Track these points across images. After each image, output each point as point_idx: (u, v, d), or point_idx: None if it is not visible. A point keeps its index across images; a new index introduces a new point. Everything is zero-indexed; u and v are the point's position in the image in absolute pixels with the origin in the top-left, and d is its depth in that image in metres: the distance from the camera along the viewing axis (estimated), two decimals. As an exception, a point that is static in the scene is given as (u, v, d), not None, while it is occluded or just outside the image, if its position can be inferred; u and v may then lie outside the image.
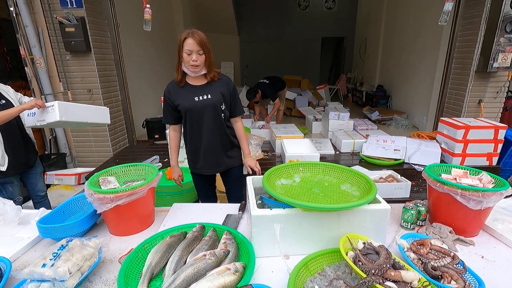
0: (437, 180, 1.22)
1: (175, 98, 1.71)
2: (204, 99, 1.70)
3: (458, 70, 3.90)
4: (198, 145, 1.80)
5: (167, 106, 1.76)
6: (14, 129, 2.11)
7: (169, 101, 1.73)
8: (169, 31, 6.52)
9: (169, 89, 1.73)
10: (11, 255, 1.12)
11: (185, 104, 1.69)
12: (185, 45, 1.58)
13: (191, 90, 1.70)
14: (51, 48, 3.44)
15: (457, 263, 0.97)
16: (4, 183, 2.15)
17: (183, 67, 1.65)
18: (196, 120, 1.74)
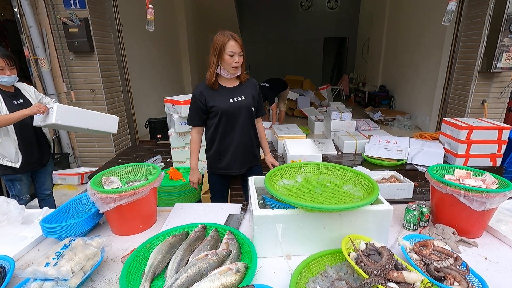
0: (440, 181, 1.21)
1: (209, 100, 1.69)
2: (239, 101, 1.73)
3: (461, 70, 3.88)
4: (229, 145, 1.80)
5: (197, 108, 1.73)
6: (29, 129, 2.16)
7: (201, 103, 1.70)
8: (171, 31, 6.55)
9: (200, 91, 1.70)
10: (15, 254, 1.13)
11: (221, 105, 1.69)
12: (227, 47, 1.58)
13: (226, 91, 1.72)
14: (54, 48, 3.47)
15: (460, 264, 0.97)
16: (13, 180, 2.20)
17: (219, 69, 1.65)
18: (231, 121, 1.75)
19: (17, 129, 2.11)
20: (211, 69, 1.65)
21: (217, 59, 1.61)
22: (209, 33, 9.39)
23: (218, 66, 1.64)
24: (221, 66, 1.64)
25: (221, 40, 1.58)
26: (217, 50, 1.59)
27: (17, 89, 2.18)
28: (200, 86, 1.73)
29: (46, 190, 2.49)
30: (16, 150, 2.12)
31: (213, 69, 1.64)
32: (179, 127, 2.77)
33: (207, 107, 1.72)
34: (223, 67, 1.64)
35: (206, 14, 8.45)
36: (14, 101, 2.11)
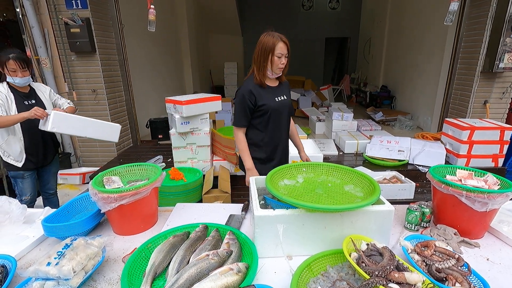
0: (442, 182, 1.21)
1: (259, 99, 1.69)
2: (282, 100, 1.76)
3: (463, 70, 3.87)
4: (278, 143, 1.82)
5: (245, 108, 1.70)
6: (36, 129, 2.18)
7: (250, 102, 1.68)
8: (172, 32, 6.56)
9: (249, 89, 1.68)
10: (16, 254, 1.13)
11: (270, 104, 1.70)
12: (277, 48, 1.60)
13: (271, 91, 1.74)
14: (56, 48, 3.48)
15: (462, 265, 0.96)
16: (15, 177, 2.24)
17: (268, 71, 1.67)
18: (278, 119, 1.77)
19: (24, 129, 2.15)
20: (262, 69, 1.66)
21: (266, 59, 1.63)
22: (210, 33, 9.41)
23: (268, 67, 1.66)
24: (267, 66, 1.65)
25: (270, 42, 1.60)
26: (266, 51, 1.61)
27: (32, 89, 2.23)
28: (248, 85, 1.69)
29: (50, 189, 2.52)
30: (21, 149, 2.15)
31: (264, 69, 1.66)
32: (180, 127, 2.78)
33: (256, 106, 1.70)
34: (269, 67, 1.65)
35: (207, 14, 8.46)
36: (26, 102, 2.15)
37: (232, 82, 8.94)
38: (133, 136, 4.32)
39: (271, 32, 1.64)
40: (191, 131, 2.86)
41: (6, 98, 2.07)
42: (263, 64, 1.64)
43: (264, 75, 1.68)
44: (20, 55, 2.04)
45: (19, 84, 2.10)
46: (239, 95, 1.71)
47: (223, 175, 2.80)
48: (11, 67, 2.01)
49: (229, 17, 8.68)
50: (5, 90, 2.08)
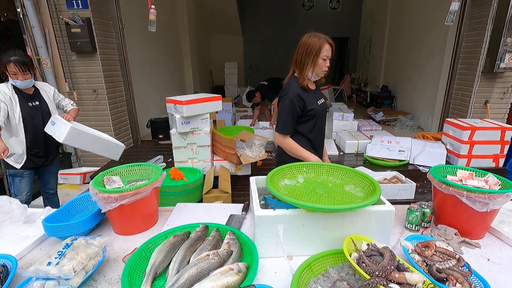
0: (443, 182, 1.21)
1: (307, 103, 1.62)
2: (322, 103, 1.72)
3: (464, 70, 3.86)
4: (318, 148, 1.78)
5: (294, 114, 1.60)
6: (39, 130, 2.20)
7: (298, 107, 1.60)
8: (172, 32, 6.56)
9: (298, 94, 1.59)
10: (17, 253, 1.13)
11: (316, 107, 1.65)
12: (323, 51, 1.55)
13: (313, 94, 1.68)
14: (57, 48, 3.48)
15: (463, 265, 0.96)
16: (14, 175, 2.23)
17: (310, 73, 1.61)
18: (321, 123, 1.74)
19: (27, 130, 2.15)
20: (305, 71, 1.59)
21: (310, 61, 1.57)
22: (211, 33, 9.41)
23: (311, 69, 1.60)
24: (311, 68, 1.59)
25: (317, 43, 1.54)
26: (312, 53, 1.55)
27: (37, 90, 2.23)
28: (295, 89, 1.60)
29: (50, 189, 2.52)
30: (22, 151, 2.16)
31: (307, 72, 1.59)
32: (180, 127, 2.78)
33: (304, 111, 1.62)
34: (312, 69, 1.60)
35: (207, 14, 8.46)
36: (30, 103, 2.16)
37: (233, 82, 8.94)
38: (134, 136, 4.32)
39: (315, 33, 1.57)
40: (192, 131, 2.86)
41: (11, 99, 2.06)
42: (306, 67, 1.58)
43: (305, 77, 1.61)
44: (21, 58, 2.01)
45: (20, 87, 2.10)
46: (286, 100, 1.60)
47: (223, 175, 2.80)
48: (11, 70, 2.00)
49: (229, 17, 8.67)
50: (9, 92, 2.07)
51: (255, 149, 3.02)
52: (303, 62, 1.58)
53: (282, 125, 1.64)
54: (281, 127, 1.64)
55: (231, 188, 2.62)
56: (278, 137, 1.68)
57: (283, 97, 1.64)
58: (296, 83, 1.62)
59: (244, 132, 3.27)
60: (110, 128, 3.79)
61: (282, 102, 1.64)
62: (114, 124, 3.83)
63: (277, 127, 1.66)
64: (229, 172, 2.96)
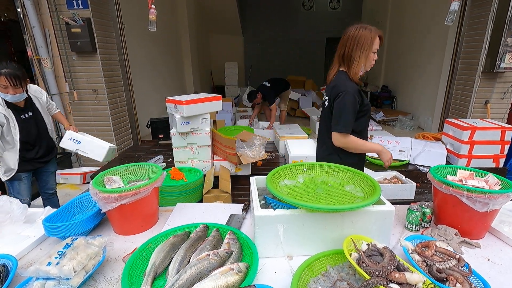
0: (443, 182, 1.21)
1: (363, 98, 1.56)
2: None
3: (464, 70, 3.86)
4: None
5: (355, 111, 1.52)
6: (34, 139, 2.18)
7: (358, 103, 1.53)
8: (173, 31, 6.56)
9: (358, 89, 1.53)
10: (17, 253, 1.13)
11: (368, 104, 1.60)
12: (375, 43, 1.47)
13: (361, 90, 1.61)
14: (57, 48, 3.48)
15: (463, 265, 0.96)
16: (12, 179, 2.18)
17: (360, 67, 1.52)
18: (368, 120, 1.68)
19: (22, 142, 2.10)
20: (357, 66, 1.50)
21: (361, 55, 1.48)
22: (211, 33, 9.41)
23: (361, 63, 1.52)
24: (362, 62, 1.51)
25: (369, 36, 1.45)
26: (365, 46, 1.46)
27: (29, 98, 2.14)
28: (352, 85, 1.51)
29: (50, 189, 2.50)
30: (14, 163, 2.10)
31: (359, 66, 1.50)
32: (181, 127, 2.78)
33: (361, 106, 1.55)
34: (362, 63, 1.51)
35: (207, 14, 8.46)
36: (23, 116, 2.10)
37: (233, 82, 8.95)
38: (134, 136, 4.32)
39: (363, 25, 1.47)
40: (192, 131, 2.86)
41: (6, 118, 1.98)
42: (358, 61, 1.48)
43: (357, 72, 1.52)
44: (13, 71, 1.90)
45: (10, 101, 1.99)
46: (347, 96, 1.48)
47: (223, 175, 2.80)
48: (2, 83, 1.89)
49: (229, 17, 8.67)
50: (3, 109, 1.97)
51: (255, 149, 3.02)
52: (354, 56, 1.48)
53: (344, 124, 1.50)
54: (343, 125, 1.51)
55: (231, 188, 2.61)
56: (340, 138, 1.54)
57: (340, 93, 1.50)
58: (348, 78, 1.53)
59: (244, 132, 3.27)
60: (110, 128, 3.79)
61: (340, 98, 1.49)
62: (114, 124, 3.83)
63: (337, 127, 1.52)
64: (229, 172, 2.96)
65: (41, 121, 2.22)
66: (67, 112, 3.72)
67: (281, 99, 5.14)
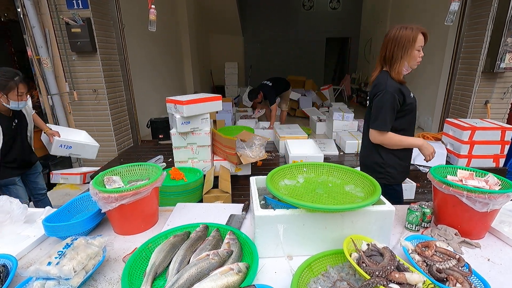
0: (443, 182, 1.21)
1: (406, 97, 1.55)
2: (414, 96, 1.64)
3: (464, 70, 3.86)
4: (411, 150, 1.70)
5: (394, 109, 1.53)
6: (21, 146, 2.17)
7: (399, 102, 1.54)
8: (173, 32, 6.56)
9: (399, 89, 1.54)
10: (17, 253, 1.13)
11: (413, 102, 1.59)
12: (418, 41, 1.48)
13: (406, 88, 1.61)
14: (57, 48, 3.48)
15: (463, 265, 0.96)
16: (8, 184, 2.16)
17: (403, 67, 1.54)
18: (414, 118, 1.66)
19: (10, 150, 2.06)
20: (399, 65, 1.53)
21: (404, 54, 1.50)
22: (211, 33, 9.41)
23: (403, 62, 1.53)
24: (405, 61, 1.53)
25: (410, 35, 1.47)
26: (406, 45, 1.48)
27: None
28: (393, 83, 1.53)
29: (41, 190, 2.47)
30: None
31: (401, 65, 1.53)
32: (181, 127, 2.78)
33: (402, 105, 1.55)
34: (406, 62, 1.53)
35: (207, 14, 8.46)
36: (12, 124, 2.07)
37: (233, 82, 8.95)
38: (134, 136, 4.32)
39: (404, 25, 1.50)
40: (192, 131, 2.86)
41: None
42: (399, 60, 1.51)
43: (399, 72, 1.54)
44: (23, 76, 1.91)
45: (19, 108, 1.99)
46: (386, 95, 1.51)
47: (223, 175, 2.80)
48: (20, 90, 1.88)
49: (229, 17, 8.67)
50: None
51: (255, 149, 3.02)
52: (395, 57, 1.52)
53: (381, 121, 1.54)
54: (380, 123, 1.55)
55: (231, 188, 2.62)
56: (376, 135, 1.58)
57: (379, 92, 1.55)
58: (391, 78, 1.55)
59: (244, 132, 3.27)
60: (110, 128, 3.79)
61: (379, 97, 1.54)
62: (114, 124, 3.83)
63: (374, 124, 1.57)
64: (229, 172, 2.96)
65: (26, 127, 2.21)
66: (67, 112, 3.72)
67: (282, 99, 5.14)
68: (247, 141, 3.03)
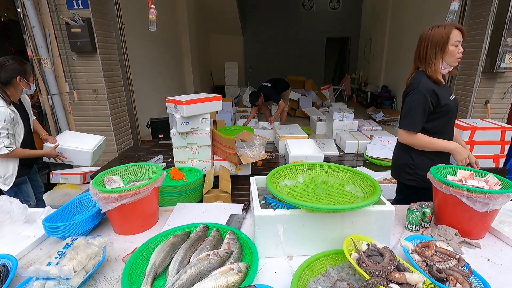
0: (443, 182, 1.21)
1: (441, 98, 1.49)
2: (454, 98, 1.56)
3: (464, 70, 3.86)
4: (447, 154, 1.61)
5: (425, 111, 1.49)
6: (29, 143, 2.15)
7: (432, 103, 1.49)
8: (173, 32, 6.56)
9: (432, 89, 1.48)
10: (17, 253, 1.13)
11: (450, 104, 1.52)
12: (452, 37, 1.42)
13: (445, 89, 1.53)
14: (57, 48, 3.48)
15: (463, 265, 0.96)
16: (22, 183, 2.11)
17: (440, 65, 1.49)
18: (451, 123, 1.58)
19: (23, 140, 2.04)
20: (434, 64, 1.48)
21: (438, 52, 1.46)
22: (211, 33, 9.41)
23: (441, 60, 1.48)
24: (441, 59, 1.47)
25: (443, 32, 1.43)
26: (440, 43, 1.44)
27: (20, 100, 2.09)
28: (426, 83, 1.49)
29: (41, 187, 2.45)
30: (12, 172, 1.99)
31: (436, 63, 1.48)
32: (180, 127, 2.78)
33: (436, 107, 1.50)
34: (444, 60, 1.47)
35: (207, 14, 8.46)
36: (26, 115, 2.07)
37: (233, 82, 8.95)
38: (134, 136, 4.32)
39: (437, 24, 1.47)
40: (192, 131, 2.86)
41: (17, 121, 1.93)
42: (434, 58, 1.47)
43: (436, 70, 1.49)
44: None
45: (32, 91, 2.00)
46: (417, 94, 1.48)
47: (223, 175, 2.80)
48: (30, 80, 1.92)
49: (229, 17, 8.68)
50: (13, 113, 1.89)
51: (255, 149, 3.02)
52: (429, 55, 1.48)
53: (410, 121, 1.51)
54: (408, 123, 1.52)
55: (231, 188, 2.62)
56: (404, 135, 1.55)
57: (411, 92, 1.52)
58: (426, 77, 1.51)
59: (244, 132, 3.27)
60: (110, 128, 3.79)
61: (410, 96, 1.52)
62: (114, 124, 3.83)
63: (402, 123, 1.55)
64: (229, 172, 2.96)
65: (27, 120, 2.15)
66: (67, 112, 3.72)
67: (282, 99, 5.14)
68: (247, 141, 3.03)
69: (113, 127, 3.80)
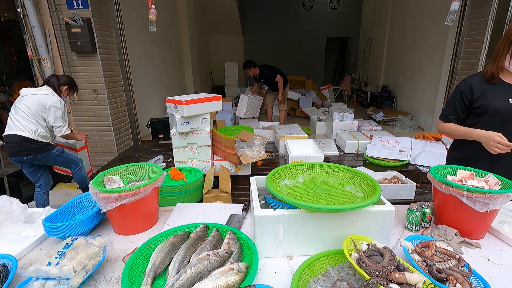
0: (443, 182, 1.21)
1: (477, 96, 1.42)
2: (507, 103, 1.42)
3: (464, 70, 3.86)
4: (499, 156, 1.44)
5: (455, 104, 1.49)
6: None
7: (467, 99, 1.44)
8: (173, 32, 6.57)
9: (469, 85, 1.44)
10: (17, 253, 1.13)
11: (495, 104, 1.41)
12: None
13: (505, 88, 1.42)
14: (57, 48, 3.48)
15: (463, 265, 0.96)
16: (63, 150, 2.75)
17: (506, 61, 1.38)
18: (502, 126, 1.42)
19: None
20: (502, 58, 1.38)
21: (508, 46, 1.35)
22: (211, 33, 9.41)
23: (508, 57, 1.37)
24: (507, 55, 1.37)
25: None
26: (510, 38, 1.33)
27: None
28: (472, 79, 1.46)
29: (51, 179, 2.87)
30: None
31: (502, 60, 1.38)
32: (181, 127, 2.78)
33: (473, 105, 1.45)
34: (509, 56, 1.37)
35: (207, 14, 8.47)
36: None
37: (233, 82, 8.96)
38: (134, 136, 4.33)
39: None
40: (192, 131, 2.86)
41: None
42: (501, 53, 1.37)
43: (499, 66, 1.40)
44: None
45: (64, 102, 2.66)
46: (456, 88, 1.48)
47: (223, 175, 2.80)
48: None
49: (229, 17, 8.68)
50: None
51: (255, 149, 3.02)
52: (496, 50, 1.41)
53: (443, 110, 1.58)
54: (442, 112, 1.59)
55: (231, 188, 2.62)
56: (438, 124, 1.61)
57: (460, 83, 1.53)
58: (480, 73, 1.47)
59: (244, 132, 3.27)
60: (110, 128, 3.79)
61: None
62: (114, 124, 3.83)
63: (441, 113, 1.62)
64: (229, 172, 2.96)
65: None
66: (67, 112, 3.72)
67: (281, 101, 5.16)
68: (247, 141, 3.03)
69: (113, 127, 3.80)
